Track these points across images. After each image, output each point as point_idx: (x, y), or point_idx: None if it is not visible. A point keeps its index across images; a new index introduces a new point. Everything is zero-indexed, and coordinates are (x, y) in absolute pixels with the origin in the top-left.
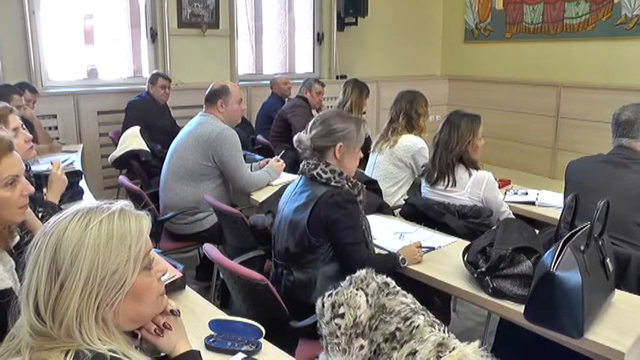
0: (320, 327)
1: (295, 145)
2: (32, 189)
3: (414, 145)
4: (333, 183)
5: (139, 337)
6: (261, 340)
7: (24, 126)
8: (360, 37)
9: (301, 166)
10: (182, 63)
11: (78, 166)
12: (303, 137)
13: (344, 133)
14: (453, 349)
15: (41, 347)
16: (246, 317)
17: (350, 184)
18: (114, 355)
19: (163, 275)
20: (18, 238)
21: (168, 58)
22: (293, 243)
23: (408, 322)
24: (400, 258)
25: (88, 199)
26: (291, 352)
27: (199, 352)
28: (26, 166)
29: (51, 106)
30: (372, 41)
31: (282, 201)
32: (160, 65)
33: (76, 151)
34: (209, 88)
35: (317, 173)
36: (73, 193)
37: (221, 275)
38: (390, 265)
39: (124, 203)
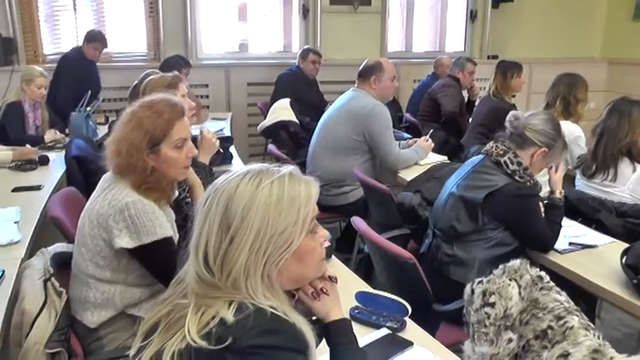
0: (467, 313)
1: (508, 118)
2: (196, 151)
3: (571, 133)
4: (517, 177)
5: (295, 297)
6: (407, 318)
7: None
8: (515, 15)
9: (488, 146)
10: (332, 39)
11: (227, 133)
12: (520, 117)
13: (555, 144)
14: (611, 359)
15: (206, 295)
16: (389, 293)
17: (532, 181)
18: (274, 312)
19: (325, 241)
20: (176, 193)
21: (318, 34)
22: (461, 219)
23: (562, 322)
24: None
25: (237, 164)
26: (432, 335)
27: (351, 321)
28: None
29: (203, 76)
30: (527, 19)
31: (453, 176)
32: (310, 41)
33: (225, 119)
34: (363, 64)
35: (504, 161)
36: (223, 158)
37: (365, 249)
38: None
39: (293, 168)
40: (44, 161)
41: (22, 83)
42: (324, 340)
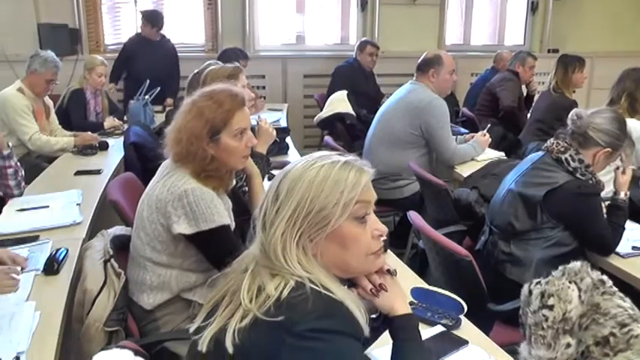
0: (524, 315)
1: (570, 116)
2: (255, 141)
3: (636, 131)
4: (578, 174)
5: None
6: (462, 316)
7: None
8: (577, 7)
9: (548, 142)
10: (390, 31)
11: (283, 124)
12: (583, 115)
13: (619, 144)
14: None
15: (265, 266)
16: (444, 290)
17: (594, 180)
18: (313, 286)
19: (382, 237)
20: (233, 182)
21: (376, 26)
22: (519, 216)
23: (626, 330)
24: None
25: (293, 155)
26: (485, 334)
27: (416, 317)
28: None
29: (260, 67)
30: (590, 11)
31: (511, 172)
32: (367, 33)
33: (282, 110)
34: (422, 57)
35: (565, 158)
36: (280, 148)
37: (420, 244)
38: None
39: (353, 157)
40: (104, 147)
41: (85, 71)
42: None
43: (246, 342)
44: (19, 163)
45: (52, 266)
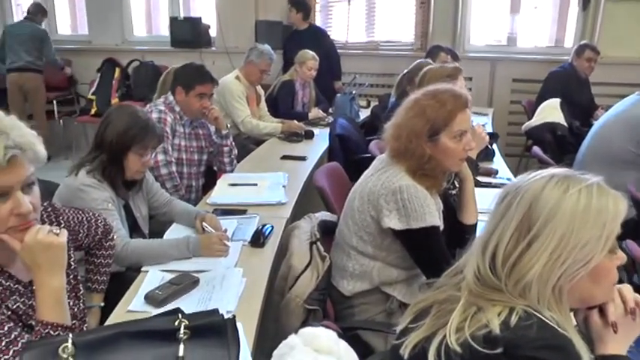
0: None
1: None
2: (473, 145)
3: None
4: None
5: (582, 317)
6: None
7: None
8: None
9: None
10: (613, 34)
11: (489, 129)
12: None
13: None
14: None
15: (481, 295)
16: None
17: None
18: (559, 328)
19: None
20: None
21: (597, 28)
22: None
23: None
24: None
25: (499, 162)
26: None
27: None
28: None
29: (467, 69)
30: None
31: None
32: (587, 35)
33: (487, 114)
34: None
35: None
36: (487, 153)
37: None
38: None
39: (600, 179)
40: (309, 135)
41: (296, 64)
42: None
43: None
44: (233, 143)
45: (258, 239)
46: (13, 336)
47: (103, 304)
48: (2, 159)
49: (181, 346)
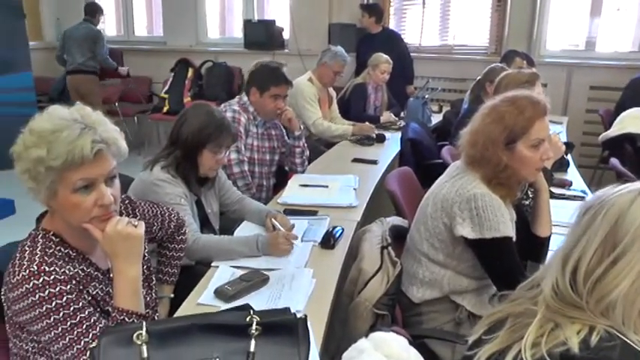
0: None
1: None
2: (551, 154)
3: None
4: None
5: None
6: None
7: None
8: None
9: None
10: None
11: (563, 138)
12: None
13: None
14: None
15: (558, 311)
16: None
17: None
18: (626, 340)
19: None
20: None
21: None
22: None
23: None
24: None
25: (573, 173)
26: None
27: None
28: None
29: (543, 74)
30: None
31: None
32: None
33: (562, 123)
34: None
35: None
36: (561, 164)
37: None
38: None
39: None
40: (381, 139)
41: (369, 67)
42: None
43: None
44: (305, 144)
45: (328, 241)
46: (92, 320)
47: (172, 295)
48: (90, 152)
49: (252, 342)
